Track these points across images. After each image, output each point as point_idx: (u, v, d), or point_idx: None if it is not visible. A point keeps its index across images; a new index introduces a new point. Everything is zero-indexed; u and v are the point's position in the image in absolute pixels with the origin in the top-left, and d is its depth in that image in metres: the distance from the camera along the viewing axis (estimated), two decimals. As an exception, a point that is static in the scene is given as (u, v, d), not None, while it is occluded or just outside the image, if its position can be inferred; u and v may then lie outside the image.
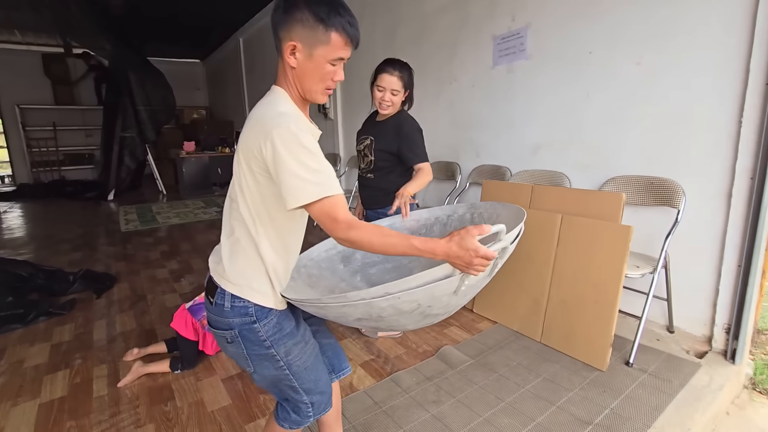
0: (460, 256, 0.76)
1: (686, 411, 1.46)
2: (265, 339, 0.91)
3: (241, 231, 0.91)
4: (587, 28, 2.14)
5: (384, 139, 1.85)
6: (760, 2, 1.56)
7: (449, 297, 0.86)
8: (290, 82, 0.90)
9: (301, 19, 0.82)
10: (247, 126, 0.88)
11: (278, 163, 0.80)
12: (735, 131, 1.68)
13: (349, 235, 0.81)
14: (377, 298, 0.81)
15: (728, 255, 1.75)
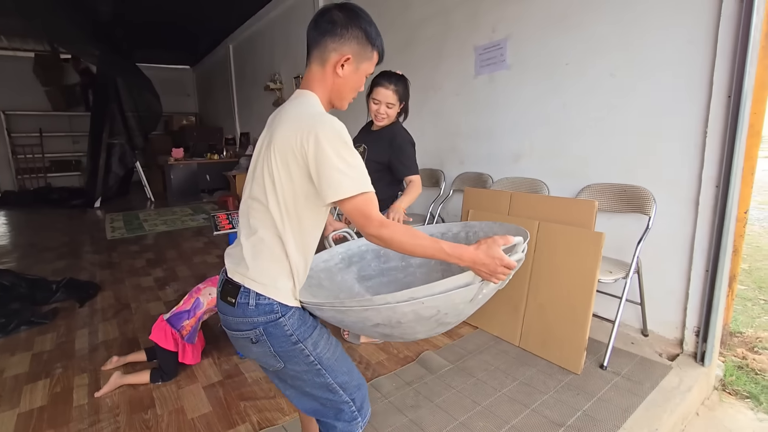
0: (486, 263, 0.82)
1: (655, 412, 1.51)
2: (291, 333, 0.91)
3: (266, 231, 0.91)
4: (563, 41, 2.21)
5: (377, 149, 1.89)
6: (721, 20, 1.64)
7: (465, 305, 0.91)
8: (327, 88, 0.96)
9: (357, 37, 0.93)
10: (282, 125, 0.90)
11: (321, 157, 0.83)
12: (701, 141, 1.75)
13: (381, 233, 0.84)
14: (402, 302, 0.83)
15: (696, 260, 1.81)
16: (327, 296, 1.25)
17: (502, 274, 0.83)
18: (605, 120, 2.08)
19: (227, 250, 1.01)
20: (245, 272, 0.91)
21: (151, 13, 5.73)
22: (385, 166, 1.88)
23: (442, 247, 0.84)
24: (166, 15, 5.81)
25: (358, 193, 0.83)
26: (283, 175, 0.88)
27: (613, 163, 2.08)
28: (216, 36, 7.22)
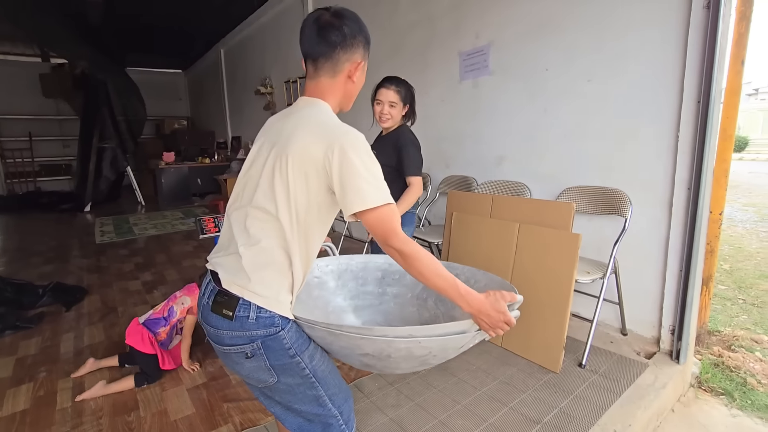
0: (491, 315, 0.82)
1: (629, 408, 1.54)
2: (290, 347, 0.88)
3: (270, 241, 0.88)
4: (543, 47, 2.27)
5: (384, 153, 1.92)
6: (690, 29, 1.69)
7: (454, 351, 0.92)
8: (338, 96, 0.97)
9: (362, 42, 0.96)
10: (300, 135, 0.87)
11: (347, 168, 0.82)
12: (673, 145, 1.81)
13: (405, 248, 0.83)
14: (400, 338, 0.82)
15: (671, 260, 1.86)
16: (302, 311, 1.20)
17: (501, 329, 0.83)
18: (583, 124, 2.13)
19: (215, 260, 0.95)
20: (246, 284, 0.86)
21: (143, 18, 5.74)
22: (393, 169, 1.91)
23: (458, 284, 0.84)
24: (158, 19, 5.84)
25: (383, 204, 0.82)
26: (299, 185, 0.86)
27: (592, 165, 2.13)
28: (207, 40, 7.25)
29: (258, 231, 0.88)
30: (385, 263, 1.43)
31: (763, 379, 1.95)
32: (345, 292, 1.38)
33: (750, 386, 1.90)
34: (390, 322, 1.33)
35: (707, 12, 1.63)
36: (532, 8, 2.29)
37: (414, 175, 1.88)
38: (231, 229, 0.93)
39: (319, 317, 1.26)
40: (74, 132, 7.16)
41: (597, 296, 1.89)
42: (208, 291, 0.93)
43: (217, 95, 7.79)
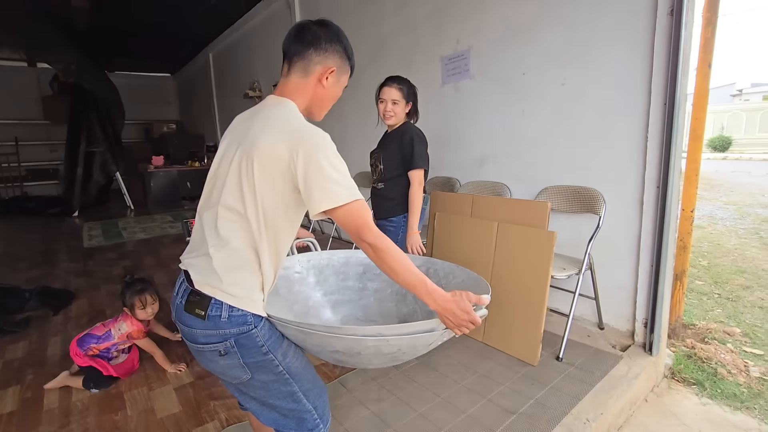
0: (455, 314, 0.84)
1: (602, 398, 1.61)
2: (263, 344, 0.90)
3: (239, 241, 0.89)
4: (520, 52, 2.34)
5: (390, 149, 1.99)
6: (656, 34, 1.77)
7: (423, 348, 0.95)
8: (307, 98, 0.98)
9: (339, 51, 0.99)
10: (265, 135, 0.87)
11: (313, 168, 0.83)
12: (643, 145, 1.88)
13: (378, 242, 0.85)
14: (368, 336, 0.85)
15: (643, 256, 1.94)
16: (282, 306, 1.26)
17: (465, 328, 0.85)
18: (559, 126, 2.21)
19: (187, 260, 0.96)
20: (218, 285, 0.88)
21: (130, 22, 5.74)
22: (399, 163, 1.96)
23: (426, 282, 0.86)
24: (146, 24, 5.84)
25: (352, 200, 0.84)
26: (265, 185, 0.87)
27: (568, 166, 2.20)
28: (196, 44, 7.26)
29: (227, 231, 0.89)
30: (366, 258, 1.46)
31: (732, 369, 2.03)
32: (326, 287, 1.41)
33: (720, 376, 1.98)
34: (369, 317, 1.38)
35: (671, 18, 1.72)
36: (508, 15, 2.37)
37: (419, 167, 1.92)
38: (203, 230, 0.94)
39: (298, 312, 1.31)
40: (61, 136, 7.12)
41: (572, 291, 1.96)
42: (181, 291, 0.94)
43: (207, 99, 7.79)
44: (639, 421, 1.71)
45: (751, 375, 1.99)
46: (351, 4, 3.65)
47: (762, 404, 1.79)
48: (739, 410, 1.76)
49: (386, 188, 2.02)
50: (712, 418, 1.72)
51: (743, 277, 3.29)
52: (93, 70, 6.37)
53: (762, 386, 1.91)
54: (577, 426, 1.45)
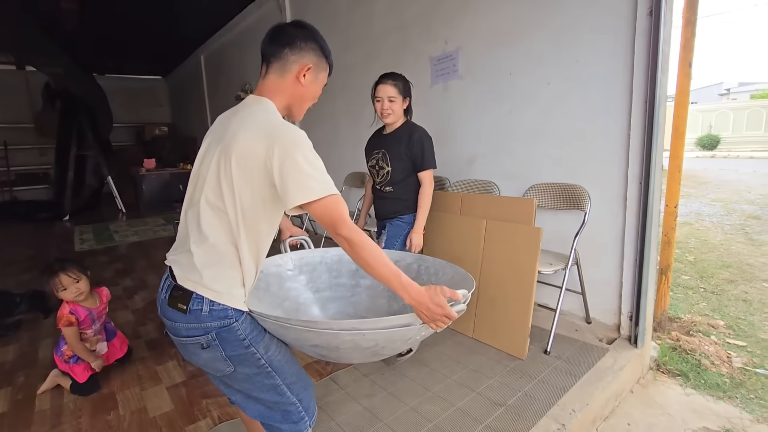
0: (429, 308, 0.84)
1: (588, 390, 1.65)
2: (244, 338, 0.92)
3: (219, 238, 0.91)
4: (507, 53, 2.39)
5: (397, 150, 1.94)
6: (636, 35, 1.82)
7: (402, 342, 0.96)
8: (285, 97, 1.00)
9: (315, 50, 1.01)
10: (242, 132, 0.90)
11: (289, 164, 0.85)
12: (626, 143, 1.93)
13: (353, 236, 0.86)
14: (345, 330, 0.86)
15: (627, 251, 1.98)
16: (272, 302, 1.28)
17: (441, 323, 0.85)
18: (545, 124, 2.25)
19: (171, 257, 0.99)
20: (199, 280, 0.90)
21: (121, 24, 5.72)
22: (407, 164, 1.93)
23: (401, 275, 0.87)
24: (137, 26, 5.82)
25: (328, 194, 0.86)
26: (243, 181, 0.89)
27: (555, 163, 2.24)
28: (188, 47, 7.24)
29: (208, 228, 0.92)
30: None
31: (715, 361, 2.08)
32: (318, 284, 1.43)
33: (704, 367, 2.03)
34: (359, 313, 1.40)
35: (650, 19, 1.76)
36: (495, 17, 2.41)
37: (430, 167, 1.91)
38: (186, 227, 0.96)
39: (289, 309, 1.33)
40: (51, 140, 7.07)
41: (559, 286, 2.00)
42: (165, 286, 0.97)
43: (199, 101, 7.77)
44: (625, 411, 1.75)
45: (734, 366, 2.04)
46: (342, 6, 3.68)
47: (743, 393, 1.84)
48: (722, 399, 1.81)
49: (396, 191, 1.97)
50: (695, 408, 1.76)
51: (728, 272, 3.36)
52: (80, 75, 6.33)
53: (744, 376, 1.96)
54: (563, 417, 1.49)
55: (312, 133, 4.10)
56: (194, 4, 4.97)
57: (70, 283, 1.80)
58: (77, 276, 1.83)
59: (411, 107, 2.04)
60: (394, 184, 1.97)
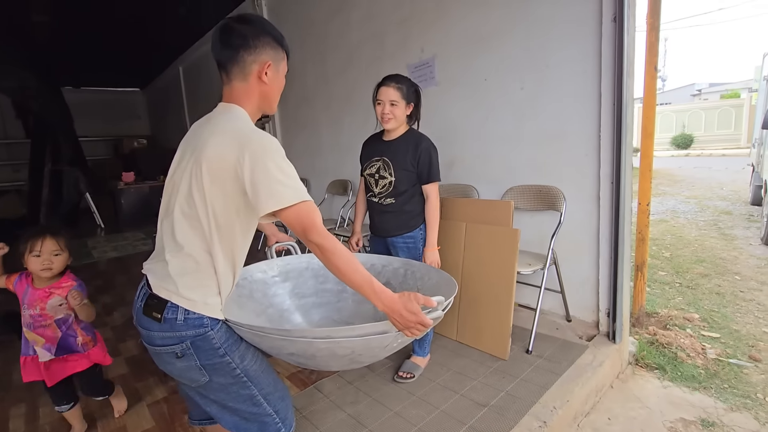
0: (403, 315, 0.82)
1: (568, 386, 1.68)
2: (219, 346, 0.91)
3: (194, 247, 0.91)
4: (481, 59, 2.44)
5: (402, 160, 1.78)
6: (602, 40, 1.89)
7: (380, 350, 0.94)
8: (254, 100, 0.99)
9: (269, 43, 0.98)
10: (213, 140, 0.89)
11: (259, 171, 0.84)
12: (597, 144, 1.99)
13: (324, 242, 0.85)
14: (319, 339, 0.86)
15: (603, 249, 2.04)
16: (255, 309, 1.28)
17: (416, 330, 0.84)
18: (521, 128, 2.30)
19: (148, 266, 0.99)
20: (173, 289, 0.90)
21: (97, 37, 5.64)
22: (412, 173, 1.80)
23: (373, 282, 0.85)
24: (113, 38, 5.74)
25: (299, 201, 0.85)
26: (214, 190, 0.89)
27: (530, 166, 2.29)
28: (165, 58, 7.17)
29: (183, 237, 0.92)
30: None
31: (691, 353, 2.14)
32: (304, 290, 1.42)
33: (680, 360, 2.09)
34: (345, 319, 1.40)
35: (615, 25, 1.83)
36: (467, 24, 2.47)
37: (436, 180, 1.81)
38: (162, 237, 0.96)
39: (272, 315, 1.33)
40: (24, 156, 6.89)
41: (538, 286, 2.03)
42: (141, 295, 0.96)
43: (178, 112, 7.69)
44: (605, 406, 1.78)
45: (708, 357, 2.11)
46: (319, 16, 3.70)
47: (717, 383, 1.90)
48: (697, 390, 1.86)
49: (398, 203, 1.82)
50: (672, 400, 1.81)
51: (702, 266, 3.47)
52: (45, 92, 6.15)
53: (718, 367, 2.02)
54: (544, 414, 1.51)
55: (293, 141, 4.11)
56: (171, 15, 4.93)
57: (48, 252, 1.46)
58: (61, 250, 1.50)
59: (419, 114, 1.88)
60: (397, 195, 1.80)
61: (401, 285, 1.35)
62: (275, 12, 4.30)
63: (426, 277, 1.30)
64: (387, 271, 1.41)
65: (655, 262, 3.64)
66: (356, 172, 3.61)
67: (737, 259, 3.61)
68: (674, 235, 4.51)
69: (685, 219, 5.27)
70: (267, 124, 4.63)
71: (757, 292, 2.91)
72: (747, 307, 2.70)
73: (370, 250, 2.02)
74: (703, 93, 25.15)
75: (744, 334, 2.35)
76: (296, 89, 4.17)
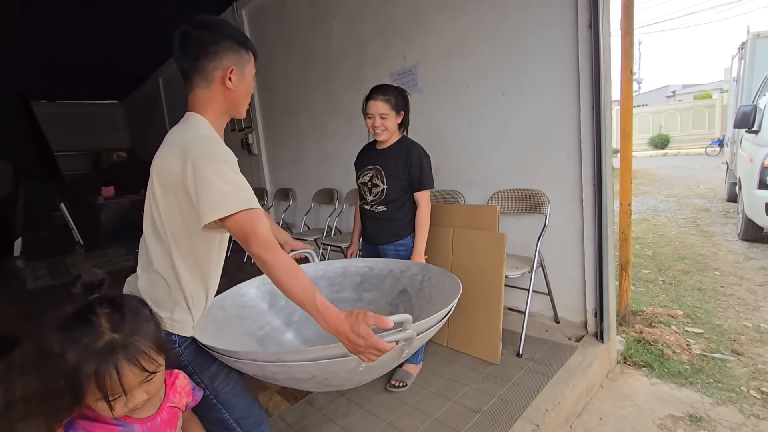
0: (350, 338, 0.71)
1: (559, 388, 1.69)
2: (187, 364, 0.89)
3: (159, 262, 0.90)
4: (463, 66, 2.47)
5: (394, 168, 1.80)
6: (579, 45, 1.93)
7: (348, 374, 0.84)
8: (218, 106, 0.95)
9: (230, 47, 0.94)
10: (164, 149, 0.88)
11: (199, 179, 0.80)
12: (577, 146, 2.03)
13: (263, 254, 0.78)
14: (268, 362, 0.80)
15: (587, 250, 2.07)
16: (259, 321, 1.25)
17: (372, 355, 0.72)
18: (503, 133, 2.33)
19: (129, 278, 0.99)
20: None
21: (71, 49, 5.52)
22: (404, 181, 1.81)
23: (315, 298, 0.75)
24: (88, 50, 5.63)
25: (240, 210, 0.81)
26: (167, 201, 0.87)
27: (515, 170, 2.32)
28: (144, 70, 7.07)
29: (153, 252, 0.91)
30: (365, 267, 1.39)
31: (676, 349, 2.18)
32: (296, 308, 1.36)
33: (666, 356, 2.12)
34: None
35: (590, 31, 1.88)
36: (449, 33, 2.50)
37: (428, 188, 1.81)
38: (141, 251, 0.96)
39: (278, 327, 1.30)
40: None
41: (526, 288, 2.05)
42: None
43: (159, 125, 7.57)
44: (596, 406, 1.80)
45: (693, 352, 2.15)
46: (299, 25, 3.71)
47: (703, 378, 1.94)
48: (684, 386, 1.89)
49: (389, 210, 1.84)
50: (660, 397, 1.84)
51: (684, 263, 3.55)
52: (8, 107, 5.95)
53: (702, 362, 2.06)
54: (537, 417, 1.52)
55: (278, 152, 4.07)
56: (149, 26, 4.87)
57: (137, 381, 0.69)
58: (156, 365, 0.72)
59: (408, 120, 1.89)
60: (389, 203, 1.83)
61: (417, 294, 1.30)
62: (255, 22, 4.28)
63: (441, 284, 1.25)
64: (405, 277, 1.35)
65: (639, 260, 3.71)
66: (342, 181, 3.62)
67: (716, 255, 3.71)
68: (656, 234, 4.62)
69: (666, 217, 5.40)
70: (251, 134, 4.60)
71: (737, 287, 2.98)
72: (728, 301, 2.77)
73: (362, 257, 2.02)
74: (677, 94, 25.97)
75: (726, 328, 2.41)
76: (279, 99, 4.15)
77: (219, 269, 1.01)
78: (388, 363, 0.88)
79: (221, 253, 1.00)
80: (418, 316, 1.21)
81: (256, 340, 1.25)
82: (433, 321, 0.90)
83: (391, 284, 1.37)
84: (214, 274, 0.97)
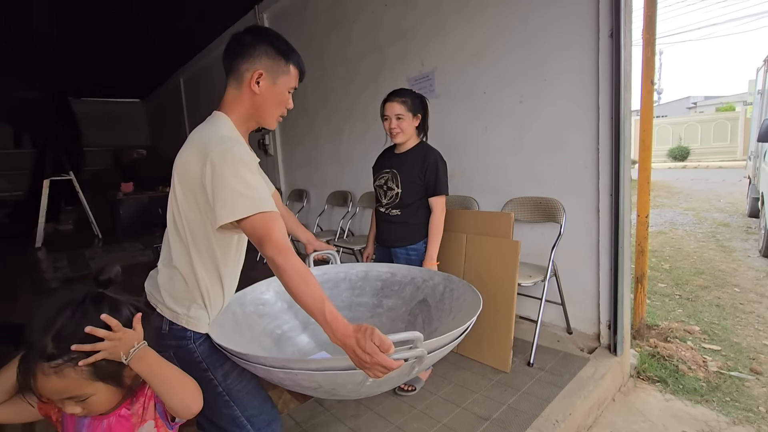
0: (356, 353, 0.70)
1: (570, 399, 1.66)
2: (201, 360, 0.91)
3: (179, 259, 0.92)
4: (480, 72, 2.48)
5: (410, 172, 1.82)
6: (600, 55, 1.92)
7: (355, 386, 0.83)
8: (244, 109, 0.97)
9: (267, 52, 0.96)
10: (185, 148, 0.90)
11: (217, 179, 0.81)
12: (595, 156, 2.01)
13: (277, 257, 0.78)
14: (275, 368, 0.80)
15: (603, 261, 2.04)
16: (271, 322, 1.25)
17: (378, 372, 0.69)
18: (520, 140, 2.33)
19: (151, 272, 1.00)
20: (160, 299, 0.92)
21: (99, 48, 5.69)
22: (420, 186, 1.83)
23: (325, 308, 0.74)
24: (114, 50, 5.80)
25: (255, 213, 0.81)
26: (187, 200, 0.88)
27: (530, 178, 2.31)
28: (167, 70, 7.24)
29: (173, 249, 0.93)
30: (387, 272, 1.38)
31: (692, 366, 2.13)
32: (337, 302, 1.34)
33: (681, 372, 2.08)
34: None
35: (611, 40, 1.87)
36: (468, 39, 2.51)
37: (443, 193, 1.81)
38: (164, 245, 0.99)
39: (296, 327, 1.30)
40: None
41: (539, 298, 2.03)
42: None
43: (178, 124, 7.72)
44: (608, 420, 1.77)
45: (710, 369, 2.10)
46: (319, 28, 3.76)
47: (719, 396, 1.89)
48: (699, 404, 1.85)
49: (404, 214, 1.85)
50: (674, 413, 1.80)
51: (701, 278, 3.47)
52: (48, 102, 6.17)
53: (719, 380, 2.01)
54: (547, 427, 1.50)
55: (293, 153, 4.12)
56: (173, 27, 4.99)
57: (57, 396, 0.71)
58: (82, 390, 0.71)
59: (427, 125, 1.92)
60: (403, 207, 1.84)
61: (437, 305, 1.27)
62: (276, 25, 4.36)
63: (462, 297, 1.20)
64: (426, 286, 1.32)
65: (655, 274, 3.64)
66: (356, 184, 3.65)
67: (736, 271, 3.62)
68: (673, 247, 4.52)
69: (684, 231, 5.29)
70: (267, 135, 4.66)
71: (757, 305, 2.91)
72: (747, 319, 2.69)
73: (375, 259, 2.03)
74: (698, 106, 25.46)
75: (744, 346, 2.35)
76: (296, 101, 4.18)
77: (237, 270, 1.02)
78: (396, 378, 0.86)
79: (239, 253, 1.02)
80: (435, 328, 1.19)
81: (272, 339, 1.26)
82: (447, 340, 0.88)
83: (412, 292, 1.35)
84: (232, 274, 0.99)
